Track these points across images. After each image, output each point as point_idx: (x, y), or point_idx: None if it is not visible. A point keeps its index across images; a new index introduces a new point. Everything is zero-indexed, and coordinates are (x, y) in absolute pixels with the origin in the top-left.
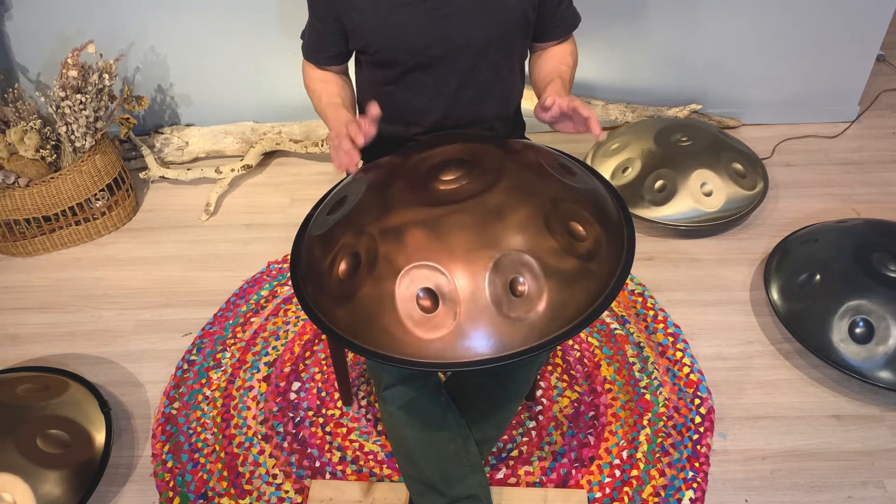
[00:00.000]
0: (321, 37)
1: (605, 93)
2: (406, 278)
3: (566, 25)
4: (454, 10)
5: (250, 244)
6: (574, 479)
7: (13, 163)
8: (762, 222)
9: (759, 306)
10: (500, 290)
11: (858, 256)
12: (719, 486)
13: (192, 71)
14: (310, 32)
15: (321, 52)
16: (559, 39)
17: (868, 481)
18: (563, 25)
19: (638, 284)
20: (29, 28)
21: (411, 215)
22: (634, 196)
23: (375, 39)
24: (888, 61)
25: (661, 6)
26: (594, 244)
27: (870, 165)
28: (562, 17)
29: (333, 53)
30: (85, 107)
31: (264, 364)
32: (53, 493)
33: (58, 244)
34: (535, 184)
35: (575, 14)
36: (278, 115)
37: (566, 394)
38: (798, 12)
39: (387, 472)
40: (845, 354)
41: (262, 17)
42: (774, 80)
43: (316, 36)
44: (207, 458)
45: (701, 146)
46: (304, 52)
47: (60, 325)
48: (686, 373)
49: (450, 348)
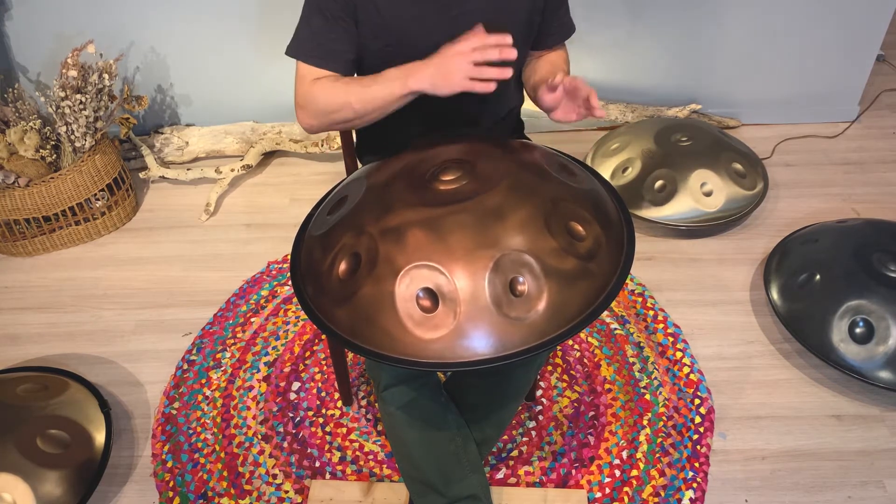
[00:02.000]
0: (333, 41)
1: (605, 93)
2: (406, 278)
3: (563, 33)
4: (467, 10)
5: (250, 244)
6: (574, 479)
7: (13, 163)
8: (762, 222)
9: (759, 306)
10: (499, 290)
11: (858, 256)
12: (719, 486)
13: (192, 71)
14: (318, 39)
15: (337, 58)
16: (553, 48)
17: (868, 481)
18: (560, 32)
19: (638, 284)
20: (29, 28)
21: (411, 215)
22: (634, 196)
23: (387, 34)
24: (888, 61)
25: (661, 6)
26: (594, 244)
27: (870, 165)
28: (559, 24)
29: (349, 59)
30: (85, 107)
31: (264, 364)
32: (53, 493)
33: (58, 244)
34: (535, 184)
35: (570, 23)
36: (278, 115)
37: (566, 394)
38: (798, 12)
39: (387, 472)
40: (845, 354)
41: (262, 17)
42: (774, 80)
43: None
44: (207, 458)
45: (701, 146)
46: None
47: (60, 325)
48: (686, 373)
49: (450, 348)
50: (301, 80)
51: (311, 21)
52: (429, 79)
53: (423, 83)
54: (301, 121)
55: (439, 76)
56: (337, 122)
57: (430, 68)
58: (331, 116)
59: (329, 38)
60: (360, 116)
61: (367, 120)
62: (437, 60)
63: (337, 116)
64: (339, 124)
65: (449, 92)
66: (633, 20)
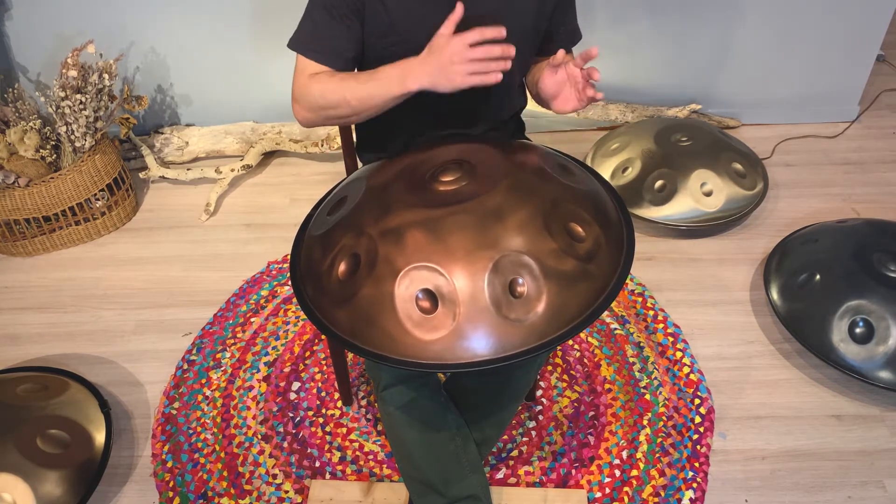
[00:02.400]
0: (335, 37)
1: (605, 93)
2: (405, 279)
3: (569, 39)
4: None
5: (250, 244)
6: (574, 479)
7: (13, 163)
8: (762, 222)
9: (759, 306)
10: (499, 292)
11: (858, 256)
12: (719, 486)
13: (192, 71)
14: (320, 34)
15: (336, 55)
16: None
17: (868, 481)
18: (567, 39)
19: (638, 284)
20: (29, 28)
21: (411, 216)
22: (634, 196)
23: (394, 34)
24: (888, 61)
25: (662, 6)
26: (593, 245)
27: (870, 165)
28: (566, 30)
29: (348, 56)
30: (85, 107)
31: (264, 364)
32: (53, 493)
33: (58, 244)
34: (534, 185)
35: (577, 31)
36: (278, 115)
37: (566, 394)
38: (798, 12)
39: (387, 472)
40: (845, 354)
41: (262, 17)
42: (774, 80)
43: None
44: (207, 458)
45: (701, 146)
46: (312, 56)
47: (60, 325)
48: (686, 373)
49: (449, 349)
50: (299, 73)
51: (315, 16)
52: (427, 77)
53: (422, 81)
54: (296, 114)
55: (440, 74)
56: (332, 118)
57: (427, 66)
58: (326, 112)
59: (331, 35)
60: (357, 113)
61: (363, 116)
62: (435, 58)
63: (333, 112)
64: (335, 119)
65: (451, 89)
66: (633, 20)
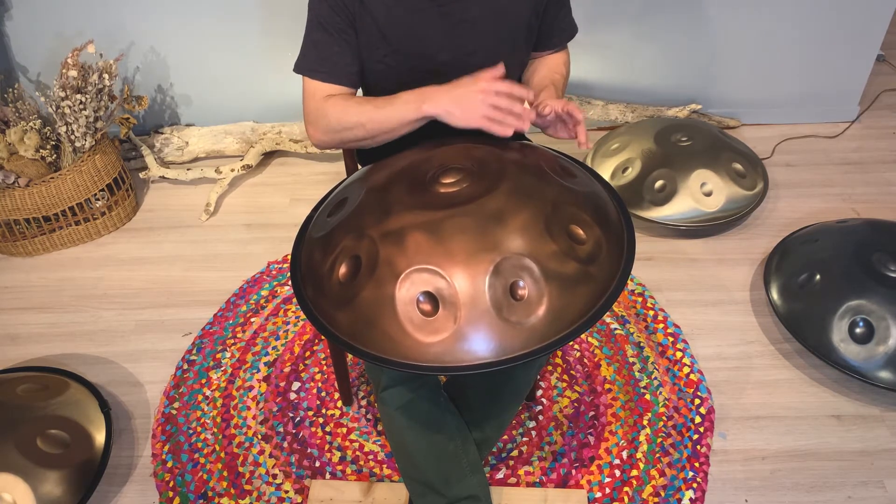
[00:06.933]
0: (337, 54)
1: (605, 93)
2: (406, 282)
3: (564, 35)
4: (469, 16)
5: (250, 244)
6: (574, 479)
7: (13, 163)
8: (762, 222)
9: (759, 306)
10: (500, 294)
11: (858, 256)
12: (719, 486)
13: (192, 71)
14: (322, 55)
15: (342, 71)
16: (555, 49)
17: (868, 481)
18: (561, 35)
19: (638, 284)
20: (29, 28)
21: (412, 218)
22: (634, 196)
23: (385, 44)
24: (888, 61)
25: (662, 6)
26: (594, 247)
27: (870, 165)
28: (560, 26)
29: (353, 71)
30: (85, 107)
31: (264, 364)
32: (53, 493)
33: (58, 244)
34: (535, 187)
35: (573, 24)
36: (278, 115)
37: (566, 394)
38: (798, 12)
39: (387, 472)
40: (845, 354)
41: (262, 17)
42: (774, 80)
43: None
44: (207, 458)
45: (701, 146)
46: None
47: (60, 325)
48: (686, 373)
49: (450, 352)
50: (310, 96)
51: (314, 36)
52: (444, 106)
53: (438, 109)
54: (311, 137)
55: (458, 107)
56: (347, 140)
57: (447, 96)
58: (342, 134)
59: (332, 52)
60: (372, 136)
61: (378, 141)
62: (458, 92)
63: (348, 135)
64: (350, 142)
65: (464, 125)
66: (633, 20)
